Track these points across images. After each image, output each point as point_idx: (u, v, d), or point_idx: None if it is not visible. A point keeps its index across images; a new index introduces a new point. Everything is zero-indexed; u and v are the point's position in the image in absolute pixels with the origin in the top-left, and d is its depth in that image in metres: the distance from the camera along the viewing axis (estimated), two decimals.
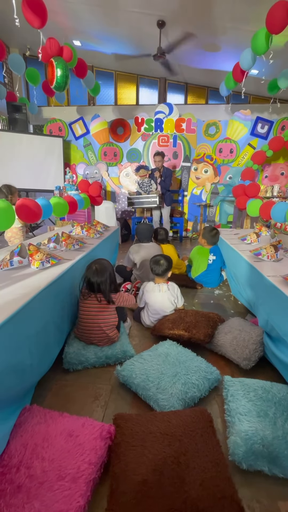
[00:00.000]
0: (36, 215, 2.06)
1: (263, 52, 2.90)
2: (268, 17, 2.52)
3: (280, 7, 2.39)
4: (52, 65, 3.07)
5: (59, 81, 3.11)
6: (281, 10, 2.38)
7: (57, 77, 3.08)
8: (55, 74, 3.07)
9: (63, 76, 3.09)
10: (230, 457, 1.08)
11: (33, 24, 2.59)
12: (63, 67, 3.09)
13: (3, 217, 1.69)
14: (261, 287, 1.77)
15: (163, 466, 1.00)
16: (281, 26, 2.46)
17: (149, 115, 5.41)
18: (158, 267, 2.13)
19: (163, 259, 2.15)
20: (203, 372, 1.48)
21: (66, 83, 3.20)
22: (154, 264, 2.15)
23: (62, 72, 3.08)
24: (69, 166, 5.73)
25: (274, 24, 2.49)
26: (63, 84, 3.16)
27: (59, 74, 3.07)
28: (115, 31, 4.80)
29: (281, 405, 1.25)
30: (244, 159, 5.37)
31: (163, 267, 2.12)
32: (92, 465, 0.99)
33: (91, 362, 1.64)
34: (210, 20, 4.21)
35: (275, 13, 2.44)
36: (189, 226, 5.82)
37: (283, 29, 2.48)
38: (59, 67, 3.05)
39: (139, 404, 1.40)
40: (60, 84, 3.13)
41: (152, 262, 2.17)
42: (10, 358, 1.10)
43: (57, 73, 3.06)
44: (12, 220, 1.77)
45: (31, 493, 0.91)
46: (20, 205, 1.95)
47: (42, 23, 2.61)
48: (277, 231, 3.54)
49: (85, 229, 2.73)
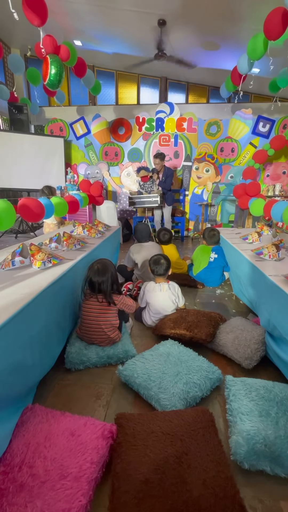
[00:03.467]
0: (38, 214, 2.06)
1: (258, 58, 2.91)
2: (266, 23, 2.51)
3: (278, 13, 2.37)
4: (47, 62, 3.07)
5: (52, 79, 3.11)
6: (278, 17, 2.37)
7: (50, 74, 3.08)
8: (49, 71, 3.07)
9: (56, 74, 3.09)
10: (232, 456, 1.08)
11: (33, 22, 2.59)
12: (57, 65, 3.08)
13: (4, 217, 1.69)
14: (263, 286, 1.77)
15: (164, 466, 1.00)
16: (278, 32, 2.45)
17: (150, 114, 5.41)
18: (159, 267, 2.13)
19: (163, 259, 2.15)
20: (205, 371, 1.48)
21: (60, 81, 3.20)
22: (155, 264, 2.15)
23: (56, 70, 3.08)
24: (70, 166, 5.74)
25: (271, 31, 2.48)
26: (56, 82, 3.16)
27: (53, 71, 3.07)
28: (116, 31, 4.80)
29: (283, 404, 1.24)
30: (246, 158, 5.35)
31: (164, 266, 2.13)
32: (94, 464, 0.99)
33: (93, 361, 1.65)
34: (211, 19, 4.20)
35: (272, 19, 2.43)
36: (190, 225, 5.81)
37: (280, 35, 2.46)
38: (53, 65, 3.05)
39: (141, 403, 1.40)
40: (53, 81, 3.13)
41: (152, 263, 2.16)
42: (12, 357, 1.10)
43: (51, 70, 3.06)
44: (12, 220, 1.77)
45: (33, 492, 0.91)
46: (21, 205, 1.96)
47: (42, 21, 2.61)
48: (279, 230, 3.53)
49: (86, 229, 2.74)
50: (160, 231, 3.17)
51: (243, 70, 3.31)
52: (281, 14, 2.34)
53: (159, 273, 2.14)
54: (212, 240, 3.00)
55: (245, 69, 3.24)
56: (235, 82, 3.69)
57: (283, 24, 2.36)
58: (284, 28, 2.38)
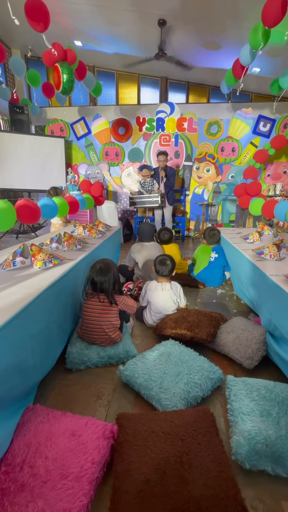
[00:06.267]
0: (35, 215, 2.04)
1: (259, 47, 2.88)
2: (264, 10, 2.51)
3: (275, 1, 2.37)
4: (58, 70, 3.07)
5: (66, 86, 3.12)
6: (276, 3, 2.36)
7: (63, 82, 3.08)
8: (61, 79, 3.07)
9: (69, 80, 3.10)
10: (233, 456, 1.08)
11: (36, 28, 2.59)
12: (69, 71, 3.09)
13: (4, 217, 1.70)
14: (264, 286, 1.77)
15: (165, 466, 1.00)
16: (276, 19, 2.43)
17: (151, 114, 5.40)
18: (165, 268, 2.11)
19: (169, 260, 2.14)
20: (206, 371, 1.47)
21: (72, 87, 3.21)
22: (160, 265, 2.12)
23: (68, 77, 3.08)
24: (71, 167, 5.75)
25: (268, 17, 2.47)
26: (69, 88, 3.17)
27: (65, 79, 3.07)
28: (116, 31, 4.80)
29: (284, 404, 1.24)
30: (246, 158, 5.34)
31: (169, 267, 2.12)
32: (95, 464, 0.99)
33: (94, 362, 1.65)
34: (211, 18, 4.19)
35: (269, 6, 2.43)
36: (191, 225, 5.81)
37: (278, 22, 2.45)
38: (65, 72, 3.05)
39: (142, 403, 1.40)
40: (66, 89, 3.14)
41: (157, 263, 2.14)
42: (13, 357, 1.10)
43: (63, 78, 3.06)
44: (13, 220, 1.77)
45: (34, 491, 0.91)
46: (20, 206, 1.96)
47: (45, 27, 2.61)
48: (279, 230, 3.52)
49: (87, 229, 2.74)
50: (161, 231, 3.17)
51: (245, 61, 3.26)
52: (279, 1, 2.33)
53: (163, 274, 2.13)
54: (212, 240, 3.01)
55: (248, 60, 3.20)
56: (237, 75, 3.64)
57: (282, 10, 2.34)
58: (283, 14, 2.36)
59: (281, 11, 2.35)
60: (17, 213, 1.86)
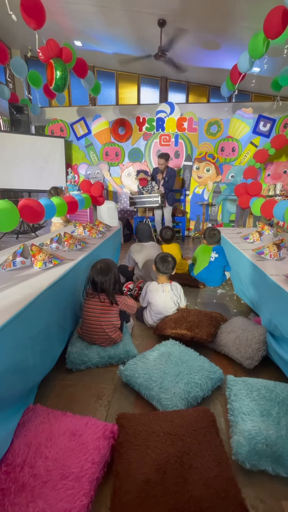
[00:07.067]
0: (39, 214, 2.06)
1: (259, 57, 2.90)
2: (266, 22, 2.51)
3: (277, 12, 2.37)
4: (52, 66, 3.08)
5: (58, 83, 3.12)
6: (278, 16, 2.37)
7: (56, 78, 3.09)
8: (54, 75, 3.08)
9: (61, 77, 3.10)
10: (234, 456, 1.08)
11: (30, 25, 2.59)
12: (62, 68, 3.09)
13: (6, 217, 1.70)
14: (264, 286, 1.77)
15: (166, 466, 1.00)
16: (277, 32, 2.44)
17: (151, 114, 5.40)
18: (166, 265, 2.09)
19: (170, 257, 2.13)
20: (206, 371, 1.47)
21: (65, 84, 3.21)
22: (161, 262, 2.10)
23: (61, 74, 3.09)
24: (71, 167, 5.75)
25: (270, 30, 2.47)
26: (62, 85, 3.17)
27: (58, 75, 3.08)
28: (116, 31, 4.80)
29: (285, 404, 1.24)
30: (246, 158, 5.34)
31: (171, 264, 2.11)
32: (96, 464, 0.99)
33: (94, 362, 1.65)
34: (211, 18, 4.19)
35: (272, 18, 2.43)
36: (191, 225, 5.81)
37: (280, 35, 2.46)
38: (58, 69, 3.06)
39: (142, 403, 1.40)
40: (59, 85, 3.14)
41: (158, 260, 2.12)
42: (13, 357, 1.10)
43: (56, 75, 3.07)
44: (15, 221, 1.77)
45: (35, 492, 0.91)
46: (23, 206, 1.96)
47: (39, 25, 2.62)
48: (279, 230, 3.52)
49: (87, 229, 2.74)
50: (163, 229, 3.17)
51: (243, 69, 3.30)
52: (280, 13, 2.34)
53: (164, 272, 2.11)
54: (212, 240, 3.00)
55: (246, 68, 3.23)
56: (234, 80, 3.68)
57: (282, 23, 2.36)
58: (283, 27, 2.38)
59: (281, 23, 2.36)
60: (21, 212, 1.87)
